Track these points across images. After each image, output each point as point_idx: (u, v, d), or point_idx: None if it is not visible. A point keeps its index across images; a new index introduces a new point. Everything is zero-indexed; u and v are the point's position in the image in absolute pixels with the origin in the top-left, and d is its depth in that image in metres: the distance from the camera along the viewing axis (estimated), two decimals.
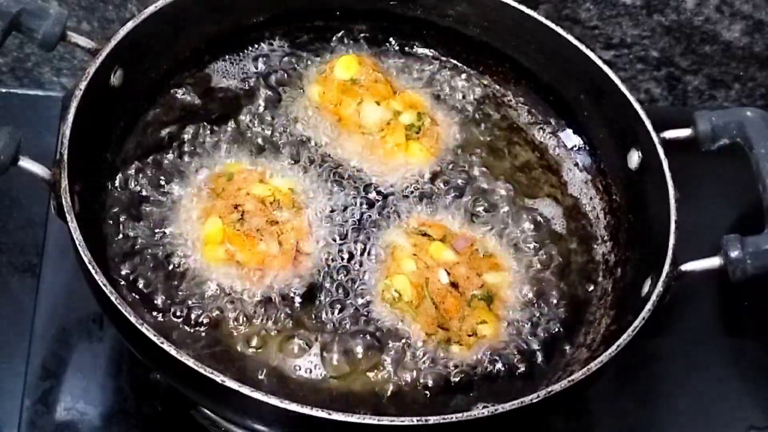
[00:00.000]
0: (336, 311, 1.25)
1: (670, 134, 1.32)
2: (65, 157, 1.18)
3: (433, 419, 1.08)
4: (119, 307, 1.11)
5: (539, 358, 1.25)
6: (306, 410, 1.07)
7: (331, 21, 1.46)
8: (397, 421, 1.08)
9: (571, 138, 1.44)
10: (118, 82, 1.30)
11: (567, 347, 1.27)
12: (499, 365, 1.23)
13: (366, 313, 1.25)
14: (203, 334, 1.22)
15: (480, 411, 1.12)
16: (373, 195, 1.34)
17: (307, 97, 1.40)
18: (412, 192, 1.35)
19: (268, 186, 1.29)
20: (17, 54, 1.61)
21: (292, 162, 1.35)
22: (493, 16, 1.44)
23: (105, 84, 1.28)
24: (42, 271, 1.42)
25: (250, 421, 1.15)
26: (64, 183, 1.17)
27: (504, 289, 1.28)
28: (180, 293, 1.23)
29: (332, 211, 1.31)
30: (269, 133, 1.37)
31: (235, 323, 1.23)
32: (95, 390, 1.34)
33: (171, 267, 1.25)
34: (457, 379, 1.22)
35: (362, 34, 1.47)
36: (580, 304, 1.31)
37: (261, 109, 1.39)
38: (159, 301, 1.23)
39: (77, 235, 1.14)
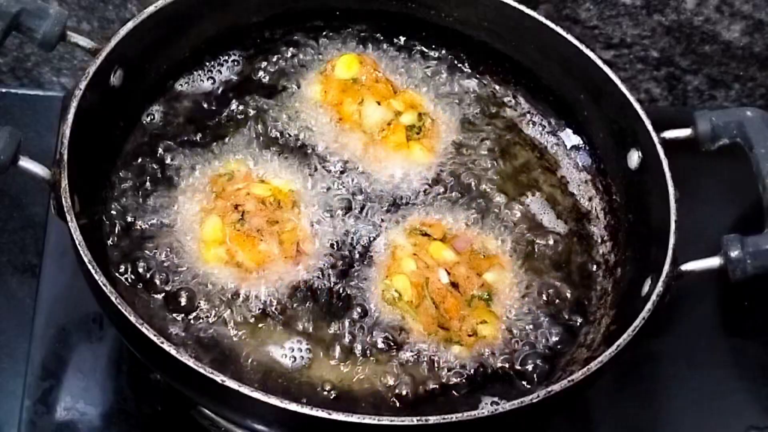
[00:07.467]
0: (336, 311, 1.25)
1: (670, 134, 1.32)
2: (65, 157, 1.18)
3: (433, 419, 1.08)
4: (119, 307, 1.11)
5: (539, 357, 1.25)
6: (306, 410, 1.07)
7: (331, 21, 1.46)
8: (397, 421, 1.08)
9: (570, 138, 1.44)
10: (118, 82, 1.31)
11: (567, 347, 1.27)
12: (498, 365, 1.23)
13: (366, 313, 1.25)
14: (203, 333, 1.22)
15: (480, 411, 1.12)
16: (373, 195, 1.34)
17: (307, 96, 1.40)
18: (412, 192, 1.35)
19: (268, 186, 1.29)
20: (17, 54, 1.61)
21: (293, 161, 1.35)
22: (493, 16, 1.44)
23: (105, 84, 1.28)
24: (42, 271, 1.42)
25: (250, 421, 1.15)
26: (64, 183, 1.17)
27: (504, 289, 1.28)
28: (180, 293, 1.23)
29: (332, 210, 1.31)
30: (270, 132, 1.37)
31: (235, 323, 1.23)
32: (95, 390, 1.34)
33: (171, 267, 1.25)
34: (456, 379, 1.22)
35: (362, 34, 1.47)
36: (580, 304, 1.31)
37: (261, 108, 1.39)
38: (159, 300, 1.23)
39: (77, 235, 1.14)
